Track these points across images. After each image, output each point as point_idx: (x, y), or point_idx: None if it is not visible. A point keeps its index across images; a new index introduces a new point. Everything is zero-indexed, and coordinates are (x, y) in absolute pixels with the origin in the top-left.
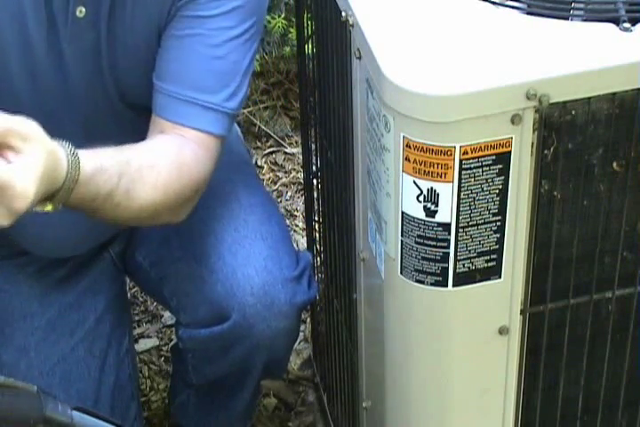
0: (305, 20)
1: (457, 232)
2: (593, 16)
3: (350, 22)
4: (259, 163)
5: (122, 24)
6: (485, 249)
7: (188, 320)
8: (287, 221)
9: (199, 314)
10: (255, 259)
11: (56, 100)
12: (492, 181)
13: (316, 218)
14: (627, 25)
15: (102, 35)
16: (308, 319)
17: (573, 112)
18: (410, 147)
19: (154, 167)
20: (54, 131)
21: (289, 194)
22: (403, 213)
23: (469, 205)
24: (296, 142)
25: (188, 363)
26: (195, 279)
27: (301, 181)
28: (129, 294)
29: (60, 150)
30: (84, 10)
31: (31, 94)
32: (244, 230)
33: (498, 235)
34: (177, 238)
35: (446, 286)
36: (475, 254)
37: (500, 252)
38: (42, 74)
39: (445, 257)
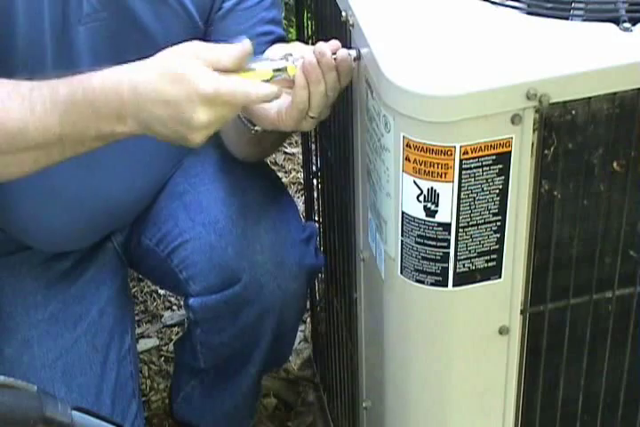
0: (305, 20)
1: (457, 232)
2: (593, 16)
3: (350, 22)
4: None
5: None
6: (485, 249)
7: (199, 289)
8: None
9: (209, 280)
10: (264, 220)
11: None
12: (493, 181)
13: (316, 218)
14: (627, 25)
15: (116, 15)
16: (308, 319)
17: (573, 112)
18: (410, 147)
19: None
20: None
21: None
22: (403, 212)
23: (469, 205)
24: (296, 142)
25: (197, 341)
26: (203, 246)
27: (301, 181)
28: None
29: None
30: None
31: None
32: (252, 194)
33: (498, 235)
34: (184, 212)
35: (446, 285)
36: (475, 254)
37: (500, 252)
38: (48, 62)
39: (445, 257)
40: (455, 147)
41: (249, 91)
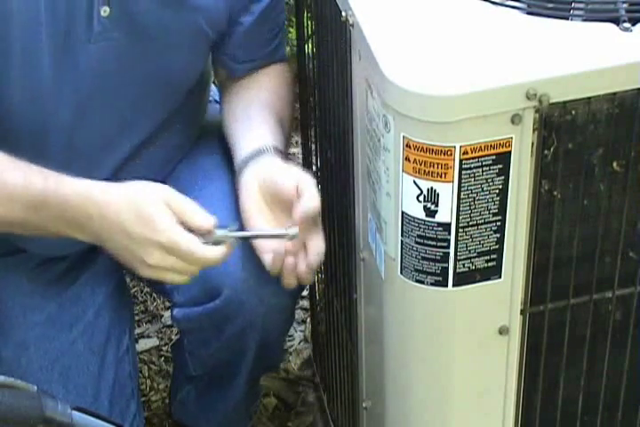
0: (305, 20)
1: (457, 232)
2: (593, 16)
3: (350, 22)
4: None
5: (159, 23)
6: (485, 249)
7: (182, 300)
8: None
9: (192, 292)
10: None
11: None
12: (492, 181)
13: None
14: (627, 25)
15: (128, 33)
16: (308, 319)
17: (573, 112)
18: (410, 147)
19: None
20: None
21: None
22: (403, 213)
23: (469, 205)
24: (296, 142)
25: (186, 350)
26: None
27: None
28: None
29: None
30: (108, 9)
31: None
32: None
33: (498, 235)
34: None
35: (446, 285)
36: (475, 254)
37: (500, 252)
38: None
39: (445, 257)
40: (455, 147)
41: (195, 251)
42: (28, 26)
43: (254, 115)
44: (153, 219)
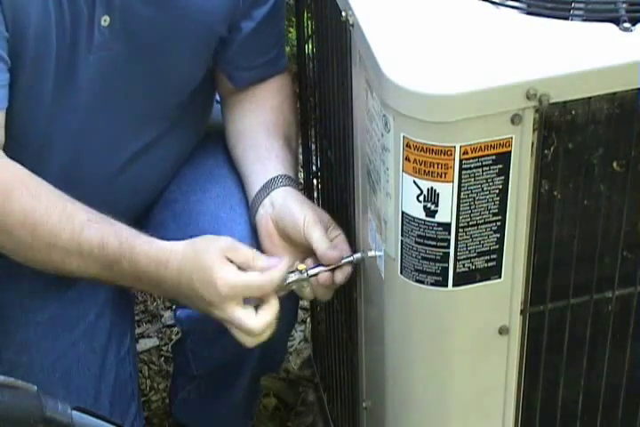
0: (305, 20)
1: (457, 232)
2: (593, 16)
3: (350, 22)
4: None
5: (162, 32)
6: (485, 249)
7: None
8: None
9: None
10: (251, 236)
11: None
12: (492, 181)
13: None
14: (627, 25)
15: (128, 45)
16: (308, 319)
17: (573, 112)
18: (410, 147)
19: None
20: None
21: None
22: (403, 212)
23: (469, 205)
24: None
25: (188, 350)
26: None
27: (301, 181)
28: None
29: None
30: (108, 19)
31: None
32: (240, 208)
33: (498, 235)
34: (174, 222)
35: (446, 285)
36: (475, 254)
37: (500, 252)
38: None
39: (445, 257)
40: (455, 147)
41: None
42: (42, 40)
43: (260, 143)
44: (214, 279)
